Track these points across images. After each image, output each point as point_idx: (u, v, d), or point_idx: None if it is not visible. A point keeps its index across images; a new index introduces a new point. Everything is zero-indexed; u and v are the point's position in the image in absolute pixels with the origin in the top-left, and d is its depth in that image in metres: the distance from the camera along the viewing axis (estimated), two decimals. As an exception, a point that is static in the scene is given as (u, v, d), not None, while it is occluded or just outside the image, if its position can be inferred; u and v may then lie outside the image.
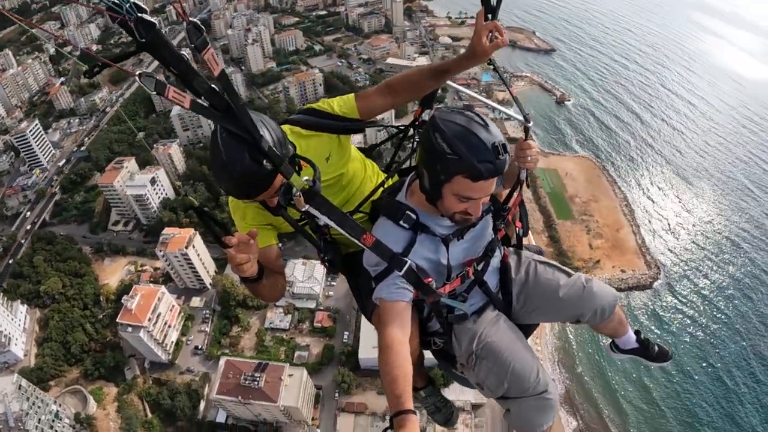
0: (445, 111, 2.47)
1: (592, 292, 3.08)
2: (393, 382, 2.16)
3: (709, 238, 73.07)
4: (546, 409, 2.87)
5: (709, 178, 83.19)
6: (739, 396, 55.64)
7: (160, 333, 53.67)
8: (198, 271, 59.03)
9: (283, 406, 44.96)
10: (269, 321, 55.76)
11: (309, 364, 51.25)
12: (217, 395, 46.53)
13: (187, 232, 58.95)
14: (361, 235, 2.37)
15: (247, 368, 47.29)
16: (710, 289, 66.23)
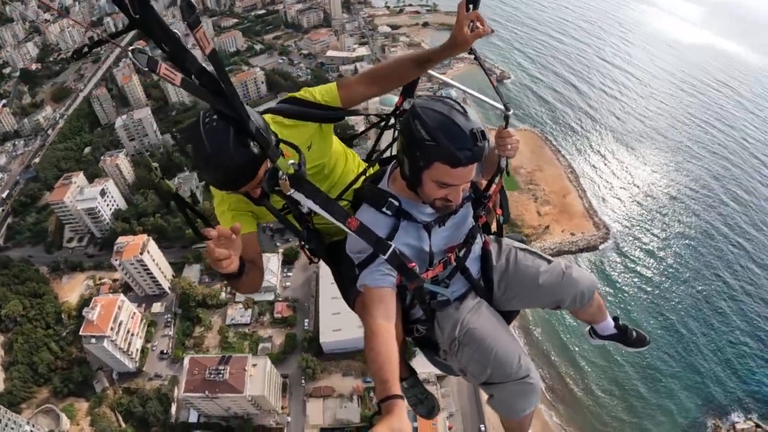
0: (425, 99, 2.52)
1: (571, 278, 3.16)
2: (380, 368, 2.18)
3: (654, 197, 76.80)
4: (529, 394, 2.90)
5: (650, 141, 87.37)
6: (697, 345, 58.84)
7: (124, 341, 54.02)
8: (155, 276, 59.49)
9: (251, 396, 46.09)
10: (230, 317, 56.84)
11: (273, 354, 52.51)
12: (185, 393, 47.37)
13: (140, 239, 59.29)
14: (346, 219, 2.39)
15: (211, 363, 48.29)
16: (659, 245, 69.71)
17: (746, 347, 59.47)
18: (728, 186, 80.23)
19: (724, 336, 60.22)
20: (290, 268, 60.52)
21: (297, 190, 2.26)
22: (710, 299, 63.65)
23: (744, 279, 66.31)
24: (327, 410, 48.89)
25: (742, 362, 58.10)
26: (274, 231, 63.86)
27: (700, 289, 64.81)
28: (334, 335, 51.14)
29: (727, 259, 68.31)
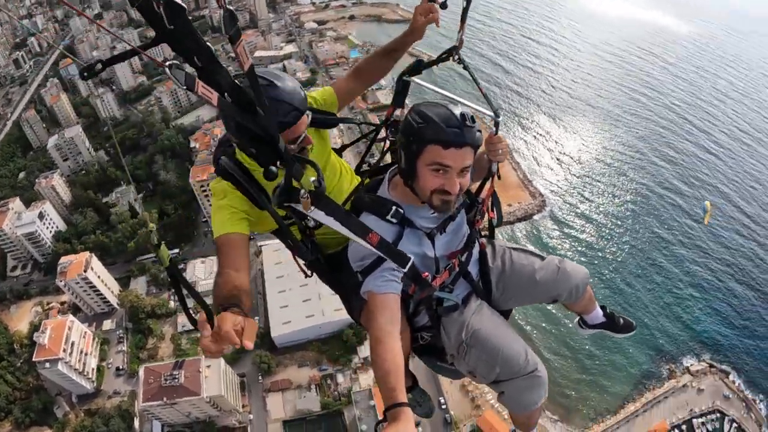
0: (421, 102, 2.63)
1: (566, 272, 3.24)
2: (386, 376, 2.16)
3: (586, 163, 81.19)
4: (538, 387, 2.99)
5: (578, 112, 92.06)
6: (641, 299, 62.67)
7: (79, 362, 54.01)
8: (102, 293, 59.61)
9: (209, 397, 47.15)
10: (181, 325, 57.45)
11: (227, 355, 52.86)
12: (144, 404, 48.03)
13: (83, 257, 59.32)
14: (367, 235, 2.40)
15: (165, 370, 49.08)
16: (594, 209, 73.82)
17: (689, 296, 63.84)
18: (657, 147, 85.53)
19: (666, 288, 64.37)
20: (235, 270, 61.42)
21: (318, 208, 2.26)
22: (649, 255, 67.69)
23: (679, 232, 71.03)
24: (287, 403, 50.43)
25: (686, 311, 62.29)
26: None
27: (639, 246, 69.00)
28: (284, 328, 52.82)
29: (661, 216, 72.77)
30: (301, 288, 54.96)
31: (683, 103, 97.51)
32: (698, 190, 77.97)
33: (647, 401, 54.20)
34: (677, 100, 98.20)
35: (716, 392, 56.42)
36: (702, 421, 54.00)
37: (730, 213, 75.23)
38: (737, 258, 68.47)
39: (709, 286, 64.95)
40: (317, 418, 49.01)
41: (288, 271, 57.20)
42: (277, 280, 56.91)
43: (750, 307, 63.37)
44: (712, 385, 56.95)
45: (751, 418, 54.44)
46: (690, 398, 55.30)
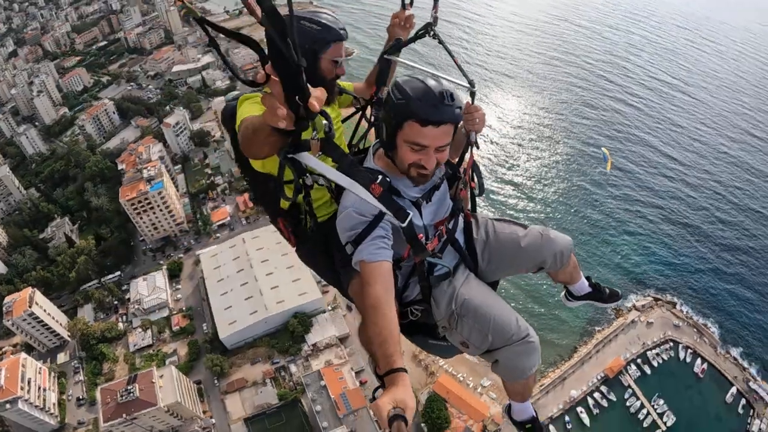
0: (406, 75, 2.76)
1: (550, 238, 3.36)
2: (384, 342, 2.22)
3: (507, 132, 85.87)
4: (531, 352, 3.09)
5: (495, 83, 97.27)
6: (577, 253, 67.53)
7: (39, 398, 54.81)
8: (51, 326, 60.87)
9: (166, 406, 49.07)
10: (133, 344, 59.33)
11: (181, 365, 55.81)
12: (105, 424, 49.48)
13: (26, 293, 60.63)
14: (370, 185, 2.48)
15: (120, 386, 50.84)
16: (520, 174, 78.29)
17: (623, 242, 68.64)
18: (577, 106, 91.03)
19: (600, 238, 68.97)
20: (177, 281, 64.16)
21: (326, 153, 2.32)
22: (579, 209, 72.38)
23: (609, 182, 76.08)
24: (245, 401, 52.63)
25: (623, 255, 66.90)
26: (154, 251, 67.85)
27: (568, 202, 73.67)
28: (230, 328, 55.07)
29: (587, 171, 77.83)
30: (242, 287, 57.90)
31: (599, 61, 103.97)
32: (621, 141, 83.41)
33: (598, 342, 57.60)
34: (593, 60, 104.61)
35: (666, 323, 60.46)
36: (656, 352, 57.69)
37: (656, 159, 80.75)
38: (667, 199, 73.69)
39: (642, 230, 69.65)
40: (276, 410, 51.33)
41: (227, 273, 59.96)
42: (218, 284, 59.29)
43: (685, 243, 68.46)
44: (660, 317, 61.11)
45: (705, 342, 58.85)
46: (641, 332, 59.09)
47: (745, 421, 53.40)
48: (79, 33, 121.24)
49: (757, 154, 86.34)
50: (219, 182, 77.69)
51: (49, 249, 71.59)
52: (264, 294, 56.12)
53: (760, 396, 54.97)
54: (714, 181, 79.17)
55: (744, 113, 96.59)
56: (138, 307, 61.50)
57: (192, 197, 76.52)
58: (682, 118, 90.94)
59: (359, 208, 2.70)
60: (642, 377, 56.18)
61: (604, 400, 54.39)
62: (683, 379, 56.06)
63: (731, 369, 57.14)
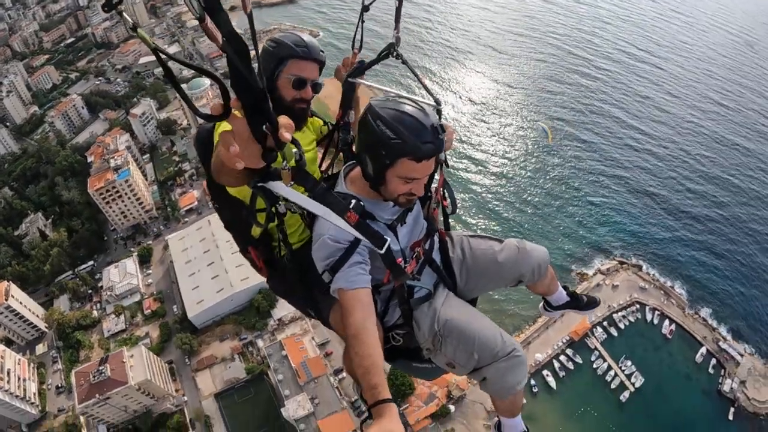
0: (381, 100, 2.72)
1: (526, 251, 3.46)
2: (366, 373, 2.26)
3: (470, 102, 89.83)
4: (518, 366, 3.14)
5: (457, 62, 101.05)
6: (544, 215, 70.42)
7: (19, 388, 58.27)
8: (28, 318, 64.53)
9: (137, 384, 52.49)
10: (107, 330, 63.14)
11: (153, 347, 59.47)
12: (80, 405, 52.98)
13: (1, 286, 63.95)
14: (345, 213, 2.52)
15: (92, 368, 54.39)
16: (484, 149, 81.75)
17: (588, 212, 71.63)
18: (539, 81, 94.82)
19: (566, 208, 72.21)
20: (148, 266, 68.26)
21: (297, 182, 2.36)
22: (544, 181, 75.82)
23: (571, 154, 79.49)
24: (215, 377, 56.35)
25: (586, 223, 70.10)
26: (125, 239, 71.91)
27: (534, 174, 77.03)
28: (198, 307, 58.60)
29: (547, 142, 79.17)
30: (209, 267, 61.53)
31: (565, 36, 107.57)
32: (584, 113, 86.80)
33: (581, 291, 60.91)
34: (559, 34, 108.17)
35: (632, 286, 62.94)
36: (623, 314, 60.04)
37: (621, 130, 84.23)
38: (632, 170, 77.11)
39: (606, 199, 72.90)
40: (245, 384, 55.18)
41: (194, 254, 63.51)
42: (186, 265, 63.07)
43: (651, 211, 71.56)
44: (626, 280, 63.41)
45: (673, 304, 61.17)
46: (606, 295, 60.78)
47: (716, 381, 55.28)
48: (46, 31, 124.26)
49: (726, 124, 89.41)
50: (186, 168, 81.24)
51: (23, 244, 75.19)
52: (229, 272, 59.63)
53: (731, 356, 56.86)
54: (680, 149, 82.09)
55: (713, 84, 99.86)
56: (110, 294, 65.19)
57: (161, 184, 79.95)
58: (649, 90, 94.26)
59: (334, 236, 2.70)
60: (609, 339, 58.34)
61: (570, 363, 56.50)
62: (651, 341, 58.23)
63: (700, 329, 59.25)
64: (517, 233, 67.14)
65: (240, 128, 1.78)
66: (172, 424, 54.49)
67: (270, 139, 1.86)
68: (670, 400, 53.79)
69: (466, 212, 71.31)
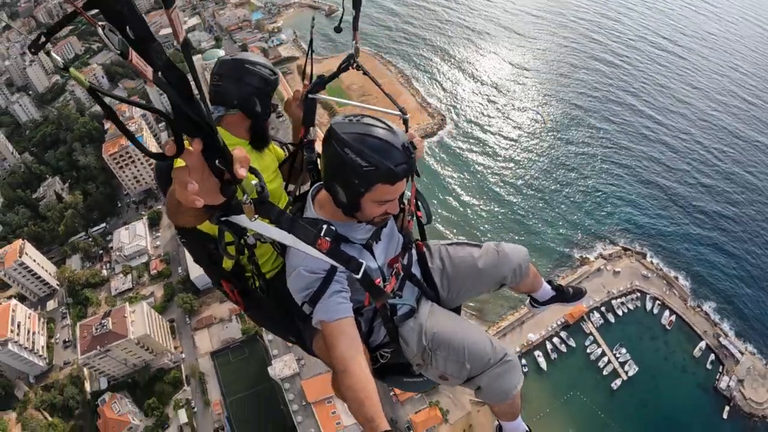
0: (342, 123, 2.68)
1: (505, 254, 3.56)
2: (361, 406, 2.29)
3: (486, 86, 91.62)
4: (512, 371, 3.23)
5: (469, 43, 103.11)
6: (549, 200, 72.06)
7: (28, 341, 63.59)
8: (40, 275, 69.72)
9: (136, 338, 57.05)
10: (114, 289, 68.32)
11: (157, 306, 64.20)
12: (82, 356, 57.87)
13: (16, 244, 69.39)
14: (316, 241, 2.53)
15: (96, 321, 59.27)
16: (498, 123, 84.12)
17: (595, 198, 72.74)
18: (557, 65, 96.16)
19: (573, 194, 73.50)
20: (157, 229, 73.34)
21: (261, 215, 2.25)
22: (551, 166, 77.35)
23: (581, 140, 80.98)
24: (213, 336, 60.77)
25: (593, 210, 71.05)
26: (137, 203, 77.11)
27: (542, 158, 78.68)
28: (201, 269, 64.18)
29: (559, 128, 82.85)
30: (213, 230, 67.13)
31: (587, 21, 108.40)
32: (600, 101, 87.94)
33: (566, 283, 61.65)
34: (581, 18, 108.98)
35: (634, 273, 62.72)
36: (622, 301, 60.51)
37: (637, 119, 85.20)
38: (644, 159, 78.16)
39: (615, 187, 74.00)
40: (240, 344, 59.69)
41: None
42: (193, 229, 68.59)
43: (660, 202, 72.24)
44: (628, 267, 63.64)
45: (675, 294, 61.05)
46: (606, 281, 62.07)
47: (713, 377, 55.23)
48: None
49: (748, 120, 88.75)
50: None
51: (40, 207, 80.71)
52: (232, 237, 64.49)
53: (730, 352, 56.77)
54: (696, 142, 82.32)
55: (738, 78, 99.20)
56: (120, 255, 70.22)
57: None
58: (669, 80, 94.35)
59: (309, 266, 2.69)
60: (605, 325, 58.98)
61: (563, 346, 57.64)
62: (649, 330, 58.49)
63: (701, 323, 59.12)
64: (520, 217, 69.81)
65: (195, 163, 1.70)
66: (169, 379, 59.21)
67: (226, 174, 1.81)
68: (663, 392, 54.13)
69: (470, 194, 73.52)
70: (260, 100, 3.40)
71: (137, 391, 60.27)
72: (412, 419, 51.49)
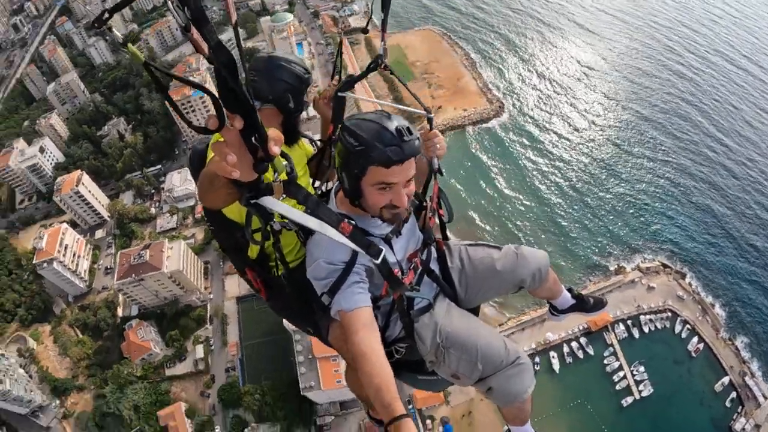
0: (354, 116, 2.94)
1: (524, 257, 3.71)
2: (378, 391, 2.40)
3: (553, 81, 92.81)
4: (524, 373, 3.38)
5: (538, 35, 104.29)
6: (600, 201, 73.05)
7: (72, 263, 71.04)
8: (92, 204, 77.26)
9: (170, 272, 62.99)
10: (159, 226, 75.26)
11: (195, 247, 70.15)
12: (117, 282, 64.45)
13: (75, 174, 77.12)
14: (339, 224, 2.73)
15: (135, 252, 65.56)
16: (552, 119, 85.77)
17: (648, 205, 72.97)
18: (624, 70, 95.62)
19: (625, 193, 74.22)
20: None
21: (290, 195, 2.50)
22: (608, 165, 78.37)
23: (647, 149, 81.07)
24: (241, 283, 63.57)
25: (645, 216, 71.38)
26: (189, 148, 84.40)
27: (600, 157, 79.59)
28: None
29: (619, 133, 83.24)
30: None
31: (663, 27, 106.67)
32: (666, 114, 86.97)
33: (589, 292, 59.77)
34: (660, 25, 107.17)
35: (669, 292, 62.12)
36: (650, 318, 60.16)
37: (701, 138, 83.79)
38: (701, 178, 77.20)
39: (664, 203, 73.46)
40: (265, 278, 65.76)
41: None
42: (238, 177, 74.25)
43: (710, 225, 71.06)
44: (664, 285, 62.77)
45: (707, 322, 60.05)
46: (638, 294, 61.67)
47: (730, 416, 54.08)
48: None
49: None
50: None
51: (102, 143, 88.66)
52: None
53: (753, 394, 55.32)
54: (761, 171, 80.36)
55: None
56: (169, 196, 77.44)
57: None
58: (743, 101, 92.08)
59: (328, 257, 2.91)
60: (628, 339, 59.03)
61: (581, 352, 58.21)
62: (673, 353, 57.92)
63: (729, 357, 57.83)
64: (560, 218, 71.07)
65: (233, 139, 1.86)
66: (194, 315, 65.44)
67: (260, 152, 1.97)
68: (674, 419, 53.71)
69: (512, 187, 75.50)
70: (293, 97, 3.62)
71: (163, 322, 66.69)
72: (414, 394, 52.55)
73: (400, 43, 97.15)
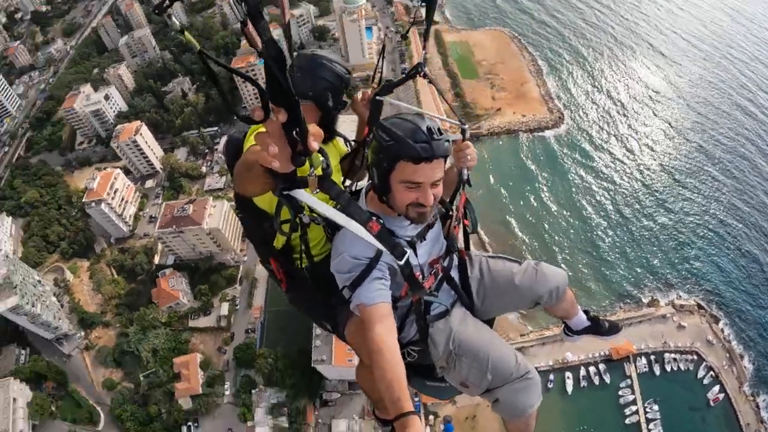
0: (391, 116, 3.11)
1: (543, 274, 3.82)
2: (389, 387, 2.51)
3: (611, 96, 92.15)
4: (532, 388, 3.45)
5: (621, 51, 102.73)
6: (633, 233, 72.04)
7: (119, 207, 75.40)
8: (147, 155, 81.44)
9: (208, 229, 65.99)
10: (207, 185, 78.96)
11: None
12: (158, 230, 68.15)
13: (134, 124, 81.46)
14: (368, 223, 2.85)
15: (180, 205, 68.90)
16: (611, 140, 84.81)
17: (693, 242, 71.27)
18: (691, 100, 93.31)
19: (664, 232, 72.81)
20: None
21: (323, 190, 2.64)
22: (658, 194, 77.07)
23: (702, 184, 79.30)
24: None
25: (689, 252, 69.79)
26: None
27: (653, 186, 78.36)
28: None
29: (678, 164, 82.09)
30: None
31: (743, 61, 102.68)
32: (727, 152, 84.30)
33: (618, 319, 57.15)
34: (736, 58, 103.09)
35: (699, 334, 60.64)
36: (675, 357, 58.91)
37: (760, 182, 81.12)
38: (752, 227, 74.59)
39: (709, 245, 71.40)
40: (295, 260, 68.16)
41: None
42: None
43: (756, 272, 68.71)
44: (696, 326, 61.37)
45: (732, 373, 58.13)
46: (667, 331, 60.75)
47: None
48: None
49: None
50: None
51: (165, 99, 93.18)
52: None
53: None
54: None
55: None
56: (221, 157, 79.31)
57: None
58: None
59: (353, 253, 3.05)
60: (647, 374, 58.17)
61: (597, 378, 57.81)
62: (691, 399, 56.61)
63: (749, 414, 55.76)
64: (599, 240, 70.62)
65: (275, 131, 1.99)
66: (226, 274, 68.66)
67: (299, 145, 2.08)
68: None
69: (556, 201, 75.44)
70: (333, 96, 3.74)
71: (195, 275, 70.13)
72: (420, 389, 55.34)
73: (469, 40, 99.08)
